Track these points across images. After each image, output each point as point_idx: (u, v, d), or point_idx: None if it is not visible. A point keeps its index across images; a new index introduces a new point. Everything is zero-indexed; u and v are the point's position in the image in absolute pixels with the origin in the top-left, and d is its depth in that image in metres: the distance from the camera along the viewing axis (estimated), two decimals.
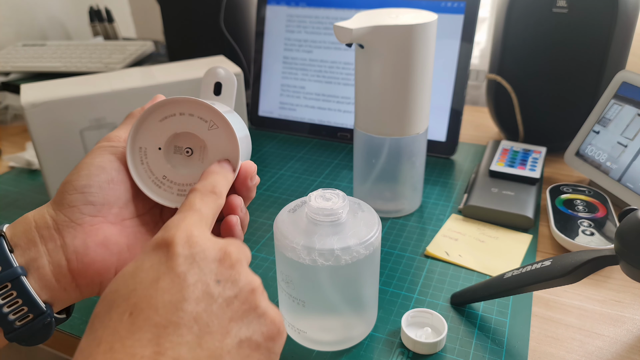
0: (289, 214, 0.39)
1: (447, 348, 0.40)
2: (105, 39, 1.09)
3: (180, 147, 0.34)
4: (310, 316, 0.39)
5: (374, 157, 0.55)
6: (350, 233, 0.36)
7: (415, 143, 0.54)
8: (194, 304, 0.23)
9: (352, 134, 0.77)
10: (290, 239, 0.36)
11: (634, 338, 0.41)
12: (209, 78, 0.38)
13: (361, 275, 0.38)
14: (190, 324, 0.23)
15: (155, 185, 0.34)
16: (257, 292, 0.26)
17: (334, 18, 0.76)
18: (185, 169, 0.35)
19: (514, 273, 0.40)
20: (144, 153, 0.34)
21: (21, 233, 0.30)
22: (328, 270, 0.36)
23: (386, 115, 0.52)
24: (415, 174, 0.57)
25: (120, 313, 0.23)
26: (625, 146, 0.56)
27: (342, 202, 0.37)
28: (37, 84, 0.60)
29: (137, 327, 0.22)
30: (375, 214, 0.39)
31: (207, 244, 0.26)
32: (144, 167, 0.34)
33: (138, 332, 0.22)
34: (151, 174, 0.34)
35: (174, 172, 0.34)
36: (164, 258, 0.24)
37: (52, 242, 0.30)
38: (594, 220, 0.53)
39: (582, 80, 0.65)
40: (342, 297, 0.38)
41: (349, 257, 0.36)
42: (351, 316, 0.40)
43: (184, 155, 0.35)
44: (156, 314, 0.22)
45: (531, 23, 0.65)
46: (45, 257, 0.30)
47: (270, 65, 0.82)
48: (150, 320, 0.22)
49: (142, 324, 0.22)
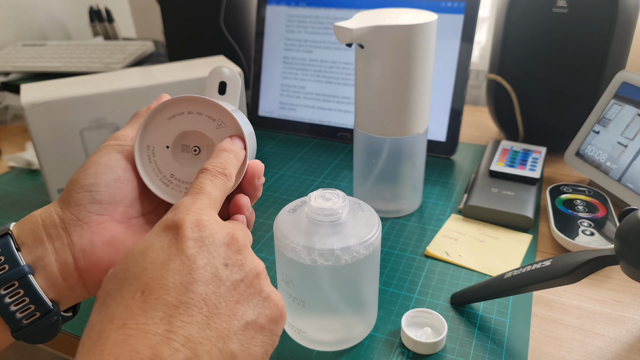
0: (289, 214, 0.39)
1: (447, 348, 0.40)
2: (105, 39, 1.09)
3: (187, 146, 0.35)
4: (310, 316, 0.39)
5: (374, 157, 0.55)
6: (351, 233, 0.36)
7: (415, 143, 0.54)
8: (203, 285, 0.24)
9: (352, 134, 0.77)
10: (290, 239, 0.36)
11: (634, 338, 0.41)
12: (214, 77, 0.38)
13: (361, 275, 0.38)
14: (200, 305, 0.24)
15: (163, 183, 0.34)
16: (262, 276, 0.27)
17: (334, 18, 0.76)
18: (193, 167, 0.35)
19: (514, 273, 0.40)
20: (152, 151, 0.34)
21: (28, 231, 0.30)
22: (328, 270, 0.36)
23: (386, 115, 0.52)
24: (415, 174, 0.57)
25: (132, 291, 0.23)
26: (625, 146, 0.56)
27: (342, 202, 0.37)
28: (37, 84, 0.60)
29: (149, 306, 0.23)
30: (375, 214, 0.39)
31: (215, 227, 0.26)
32: (151, 166, 0.34)
33: (150, 310, 0.22)
34: (159, 172, 0.34)
35: (181, 170, 0.34)
36: (174, 240, 0.25)
37: (59, 240, 0.30)
38: (594, 220, 0.53)
39: (582, 80, 0.65)
40: (342, 297, 0.38)
41: (349, 257, 0.36)
42: (351, 316, 0.40)
43: (191, 153, 0.35)
44: (167, 293, 0.23)
45: (531, 23, 0.65)
46: (52, 255, 0.30)
47: (270, 65, 0.82)
48: (162, 300, 0.23)
49: (154, 303, 0.23)
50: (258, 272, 0.27)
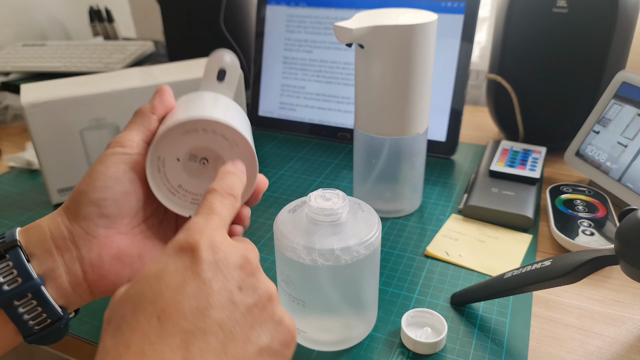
0: (289, 214, 0.39)
1: (447, 348, 0.40)
2: (105, 39, 1.09)
3: (195, 156, 0.35)
4: (310, 316, 0.39)
5: (374, 157, 0.55)
6: (351, 233, 0.36)
7: (415, 143, 0.54)
8: (219, 310, 0.24)
9: (352, 134, 0.77)
10: (290, 239, 0.36)
11: (634, 338, 0.41)
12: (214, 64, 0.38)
13: (361, 275, 0.38)
14: (216, 331, 0.23)
15: (170, 193, 0.35)
16: (274, 299, 0.27)
17: (334, 18, 0.76)
18: (200, 178, 0.35)
19: (514, 273, 0.40)
20: (162, 162, 0.34)
21: (36, 242, 0.31)
22: (328, 271, 0.36)
23: (386, 115, 0.52)
24: (415, 174, 0.57)
25: (148, 316, 0.23)
26: (625, 146, 0.56)
27: (342, 202, 0.37)
28: (37, 84, 0.60)
29: (166, 332, 0.22)
30: (375, 214, 0.39)
31: (229, 249, 0.26)
32: (160, 176, 0.34)
33: (168, 337, 0.22)
34: (167, 182, 0.34)
35: (188, 181, 0.35)
36: (189, 263, 0.25)
37: (68, 253, 0.31)
38: (594, 220, 0.53)
39: (582, 80, 0.65)
40: (342, 297, 0.38)
41: (349, 257, 0.36)
42: (351, 316, 0.40)
43: (199, 164, 0.35)
44: (184, 319, 0.23)
45: (531, 23, 0.65)
46: (62, 267, 0.30)
47: (270, 65, 0.82)
48: (179, 326, 0.23)
49: (171, 329, 0.22)
50: (271, 294, 0.27)
